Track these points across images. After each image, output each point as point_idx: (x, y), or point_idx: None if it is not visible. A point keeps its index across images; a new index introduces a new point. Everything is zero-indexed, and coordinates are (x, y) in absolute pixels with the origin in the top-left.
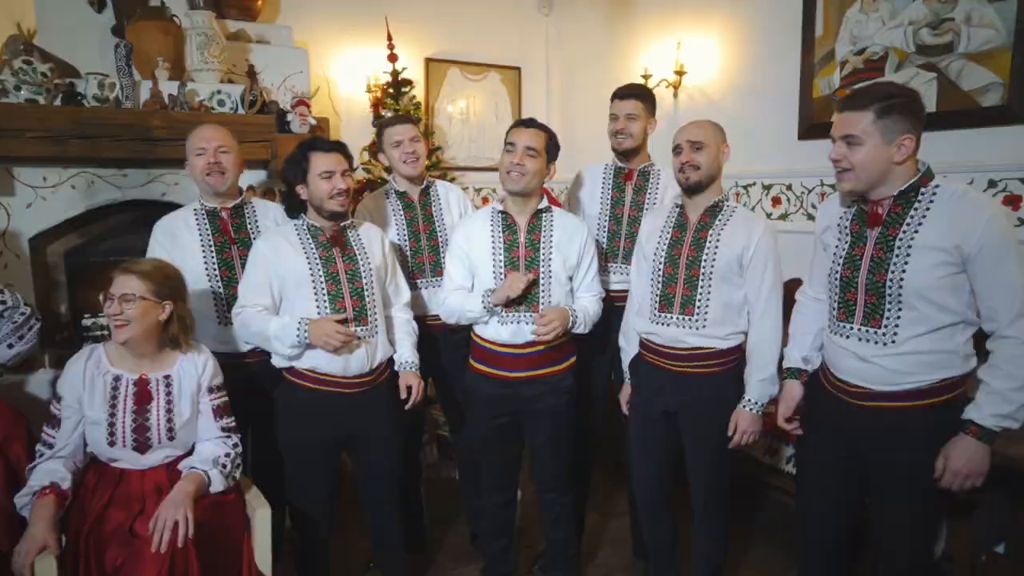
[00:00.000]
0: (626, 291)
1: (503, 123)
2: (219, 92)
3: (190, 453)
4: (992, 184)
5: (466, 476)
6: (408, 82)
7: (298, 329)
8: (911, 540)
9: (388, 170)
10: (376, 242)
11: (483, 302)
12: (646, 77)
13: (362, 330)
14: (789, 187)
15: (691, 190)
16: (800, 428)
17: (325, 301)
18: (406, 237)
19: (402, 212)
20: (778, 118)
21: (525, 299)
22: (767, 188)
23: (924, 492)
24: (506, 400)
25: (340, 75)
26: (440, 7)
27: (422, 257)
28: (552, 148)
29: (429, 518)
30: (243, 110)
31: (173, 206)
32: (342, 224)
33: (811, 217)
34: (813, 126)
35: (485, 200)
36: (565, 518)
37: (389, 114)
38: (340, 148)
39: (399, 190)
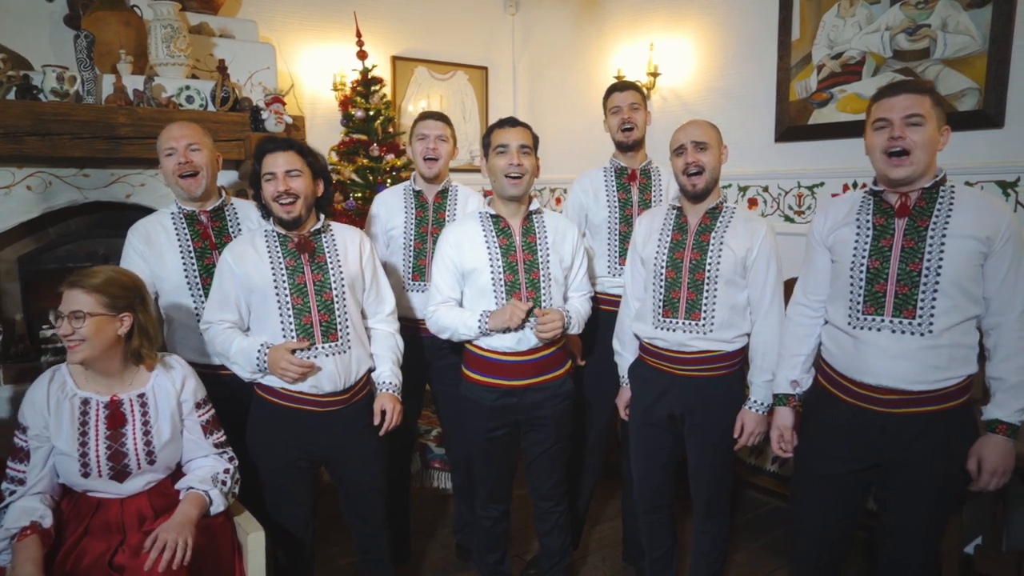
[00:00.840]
0: None
1: (471, 123)
2: (188, 88)
3: (173, 476)
4: (968, 187)
5: (459, 487)
6: (378, 80)
7: (258, 355)
8: (926, 544)
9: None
10: (353, 248)
11: (480, 327)
12: (619, 79)
13: (331, 346)
14: (766, 189)
15: (696, 198)
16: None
17: (290, 316)
18: (412, 237)
19: (414, 211)
20: (754, 120)
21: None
22: (743, 190)
23: (945, 496)
24: (508, 410)
25: (304, 72)
26: (406, 5)
27: (425, 260)
28: (536, 145)
29: (412, 529)
30: (214, 107)
31: (138, 209)
32: (313, 228)
33: (788, 219)
34: (790, 128)
35: None
36: (562, 527)
37: (359, 113)
38: (290, 146)
39: (415, 188)
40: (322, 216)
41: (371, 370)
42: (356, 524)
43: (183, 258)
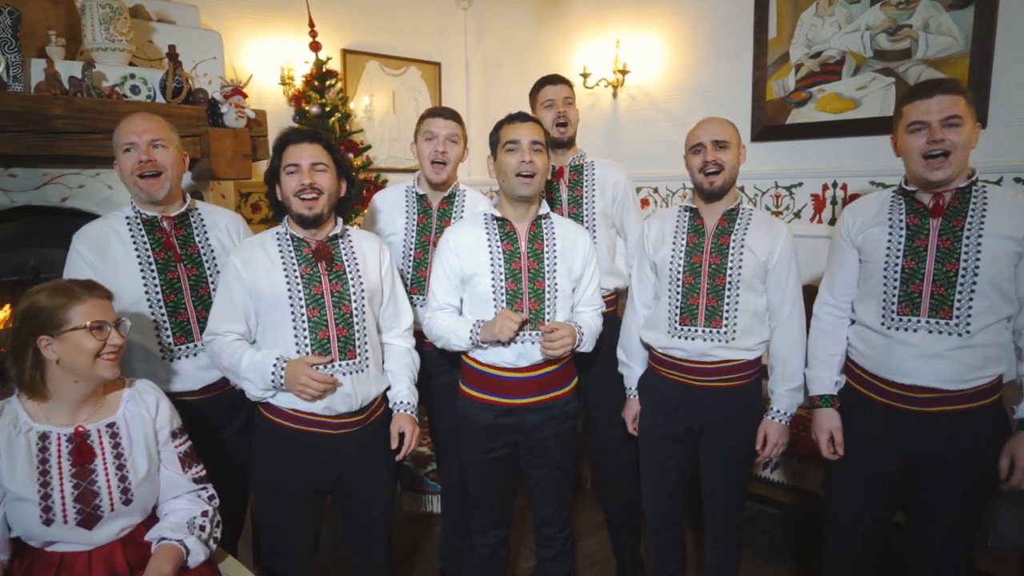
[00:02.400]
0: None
1: None
2: (132, 76)
3: (149, 521)
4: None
5: (448, 511)
6: (333, 73)
7: (274, 370)
8: (962, 543)
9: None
10: (373, 256)
11: (471, 337)
12: (585, 75)
13: (348, 364)
14: (742, 189)
15: (712, 196)
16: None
17: (305, 330)
18: (412, 245)
19: (416, 217)
20: (730, 120)
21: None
22: None
23: (980, 494)
24: (507, 430)
25: (249, 64)
26: None
27: (425, 271)
28: (548, 143)
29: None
30: (164, 99)
31: (76, 214)
32: (331, 233)
33: None
34: (767, 128)
35: None
36: (567, 552)
37: (315, 109)
38: (317, 138)
39: (419, 192)
40: (340, 220)
41: (386, 389)
42: (357, 557)
43: (142, 270)
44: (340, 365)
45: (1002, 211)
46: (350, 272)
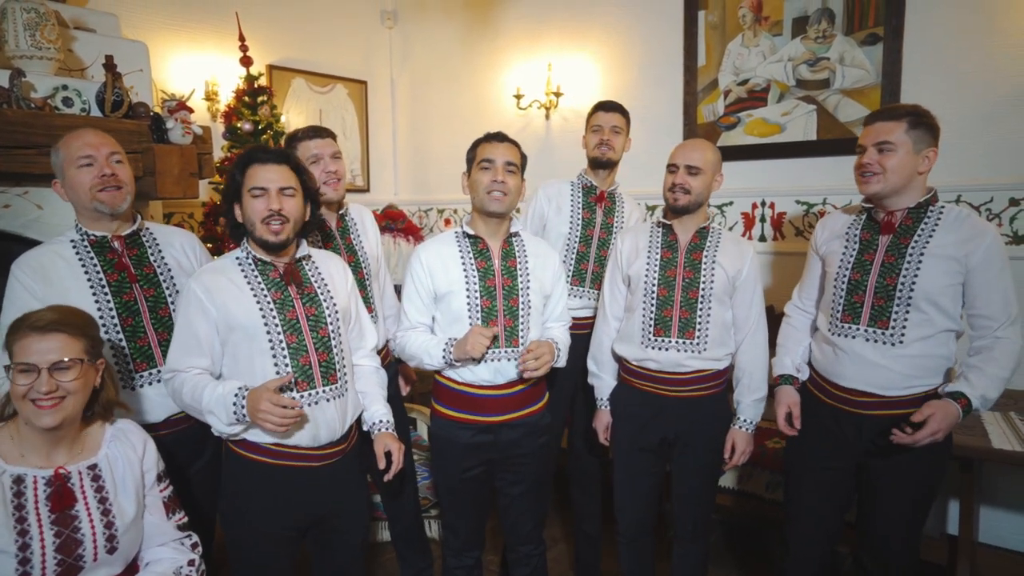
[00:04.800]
0: (592, 317)
1: (351, 140)
2: (64, 88)
3: (130, 571)
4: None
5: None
6: (265, 89)
7: (235, 402)
8: (910, 528)
9: None
10: (339, 277)
11: (444, 356)
12: (518, 97)
13: (331, 389)
14: None
15: (676, 212)
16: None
17: (285, 357)
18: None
19: (320, 244)
20: (662, 142)
21: (494, 342)
22: (651, 209)
23: (925, 493)
24: (484, 448)
25: (171, 78)
26: (283, 11)
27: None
28: (524, 163)
29: None
30: (102, 112)
31: (2, 237)
32: (297, 255)
33: None
34: None
35: None
36: (539, 570)
37: (247, 126)
38: (286, 159)
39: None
40: (303, 242)
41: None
42: None
43: (95, 294)
44: (324, 391)
45: (951, 231)
46: (321, 294)
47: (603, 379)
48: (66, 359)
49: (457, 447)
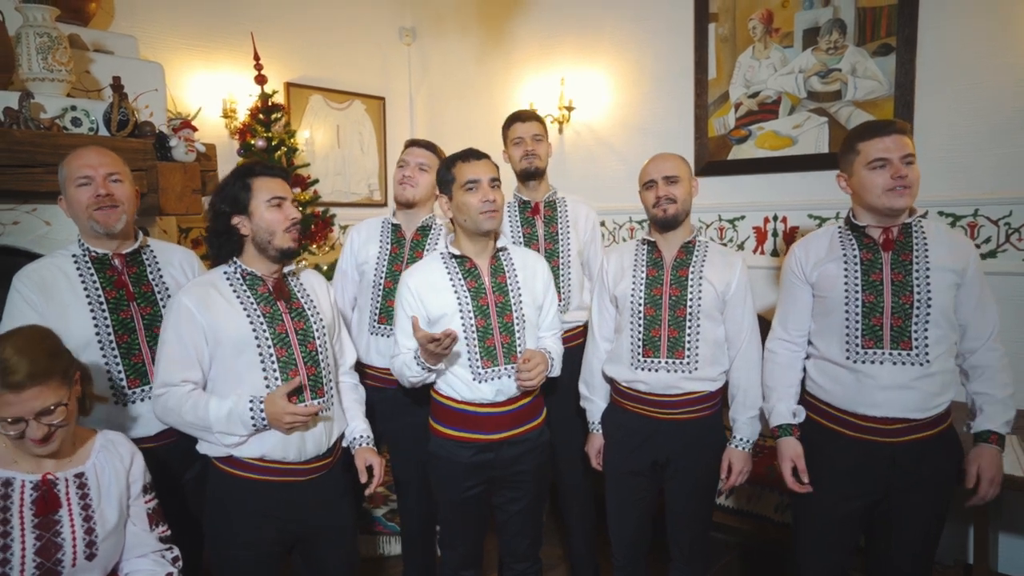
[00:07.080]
0: (574, 329)
1: (368, 156)
2: (73, 108)
3: None
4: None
5: (410, 555)
6: (279, 107)
7: (252, 411)
8: (928, 559)
9: None
10: (322, 292)
11: (417, 362)
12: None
13: (318, 403)
14: None
15: (666, 225)
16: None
17: (275, 371)
18: (383, 274)
19: (389, 247)
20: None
21: (490, 350)
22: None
23: (943, 512)
24: (485, 467)
25: (189, 97)
26: (301, 29)
27: (393, 301)
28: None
29: None
30: (109, 131)
31: (9, 251)
32: (285, 271)
33: None
34: (709, 163)
35: None
36: None
37: (260, 143)
38: (285, 175)
39: (393, 222)
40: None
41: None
42: None
43: (92, 311)
44: (311, 405)
45: (940, 244)
46: (308, 308)
47: (594, 402)
48: (51, 406)
49: (458, 467)
